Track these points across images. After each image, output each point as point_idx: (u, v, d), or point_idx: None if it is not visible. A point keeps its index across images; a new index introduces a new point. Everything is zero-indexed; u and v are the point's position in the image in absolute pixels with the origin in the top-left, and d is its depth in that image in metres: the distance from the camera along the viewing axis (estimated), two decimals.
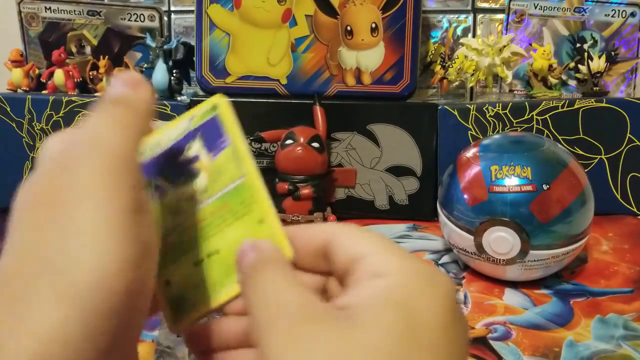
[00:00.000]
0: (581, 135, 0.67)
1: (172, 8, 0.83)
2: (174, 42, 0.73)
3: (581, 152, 0.67)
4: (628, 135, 0.67)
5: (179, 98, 0.73)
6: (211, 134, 0.26)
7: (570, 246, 0.50)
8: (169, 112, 0.68)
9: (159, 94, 0.71)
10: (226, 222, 0.25)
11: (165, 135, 0.27)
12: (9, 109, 0.70)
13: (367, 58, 0.70)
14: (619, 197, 0.68)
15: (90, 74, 0.78)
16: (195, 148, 0.26)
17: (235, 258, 0.23)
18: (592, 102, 0.67)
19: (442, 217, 0.56)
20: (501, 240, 0.50)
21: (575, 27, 0.77)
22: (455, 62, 0.74)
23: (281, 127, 0.65)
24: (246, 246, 0.23)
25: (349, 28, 0.69)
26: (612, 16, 0.76)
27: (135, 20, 0.79)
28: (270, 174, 0.64)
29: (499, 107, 0.68)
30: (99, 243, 0.18)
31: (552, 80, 0.74)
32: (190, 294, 0.25)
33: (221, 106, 0.27)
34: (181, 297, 0.24)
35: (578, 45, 0.75)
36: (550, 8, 0.76)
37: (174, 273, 0.25)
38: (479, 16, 0.80)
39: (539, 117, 0.67)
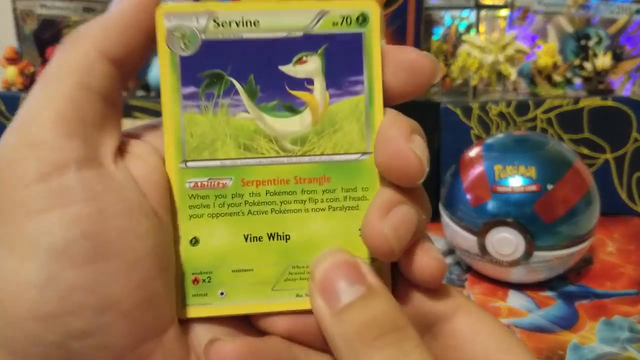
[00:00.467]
0: (586, 134, 0.67)
1: None
2: None
3: (586, 152, 0.67)
4: (634, 134, 0.66)
5: None
6: (343, 58, 0.18)
7: (575, 247, 0.49)
8: None
9: (155, 91, 0.70)
10: (316, 204, 0.18)
11: (269, 15, 0.17)
12: (3, 108, 0.69)
13: None
14: (624, 197, 0.67)
15: None
16: (311, 67, 0.17)
17: (314, 269, 0.17)
18: (597, 101, 0.66)
19: (445, 217, 0.55)
20: (505, 241, 0.49)
21: (580, 23, 0.76)
22: (457, 60, 0.73)
23: None
24: (343, 272, 0.17)
25: None
26: (618, 13, 0.75)
27: None
28: None
29: (502, 105, 0.67)
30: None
31: (557, 78, 0.73)
32: (223, 276, 0.18)
33: (373, 21, 0.18)
34: (207, 273, 0.18)
35: (582, 42, 0.74)
36: (554, 4, 0.75)
37: (210, 233, 0.18)
38: (482, 12, 0.79)
39: (543, 116, 0.67)
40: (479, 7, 0.79)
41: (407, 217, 0.17)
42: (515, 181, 0.49)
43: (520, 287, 0.52)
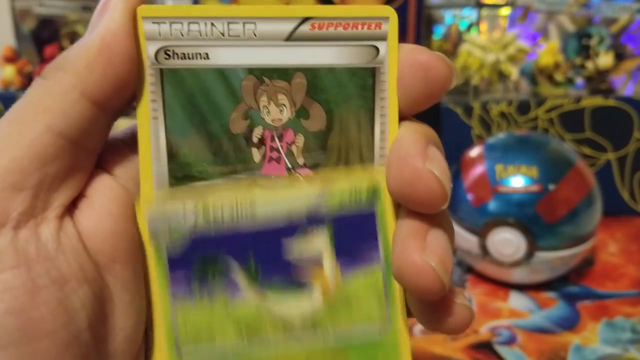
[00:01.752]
0: (588, 134, 0.66)
1: (168, 3, 0.82)
2: None
3: (588, 151, 0.66)
4: (635, 134, 0.66)
5: None
6: (353, 230, 0.16)
7: (577, 248, 0.49)
8: None
9: None
10: None
11: (266, 205, 0.16)
12: (1, 107, 0.69)
13: None
14: (626, 197, 0.67)
15: None
16: (318, 244, 0.16)
17: None
18: (599, 100, 0.66)
19: None
20: (506, 241, 0.49)
21: (581, 22, 0.75)
22: (458, 59, 0.72)
23: None
24: None
25: None
26: (619, 12, 0.74)
27: None
28: None
29: (503, 105, 0.66)
30: None
31: (558, 78, 0.73)
32: None
33: (385, 195, 0.16)
34: None
35: (584, 41, 0.74)
36: (556, 3, 0.75)
37: None
38: (483, 11, 0.78)
39: (544, 116, 0.66)
40: (480, 5, 0.78)
41: (446, 244, 0.15)
42: (517, 181, 0.49)
43: (521, 287, 0.52)
